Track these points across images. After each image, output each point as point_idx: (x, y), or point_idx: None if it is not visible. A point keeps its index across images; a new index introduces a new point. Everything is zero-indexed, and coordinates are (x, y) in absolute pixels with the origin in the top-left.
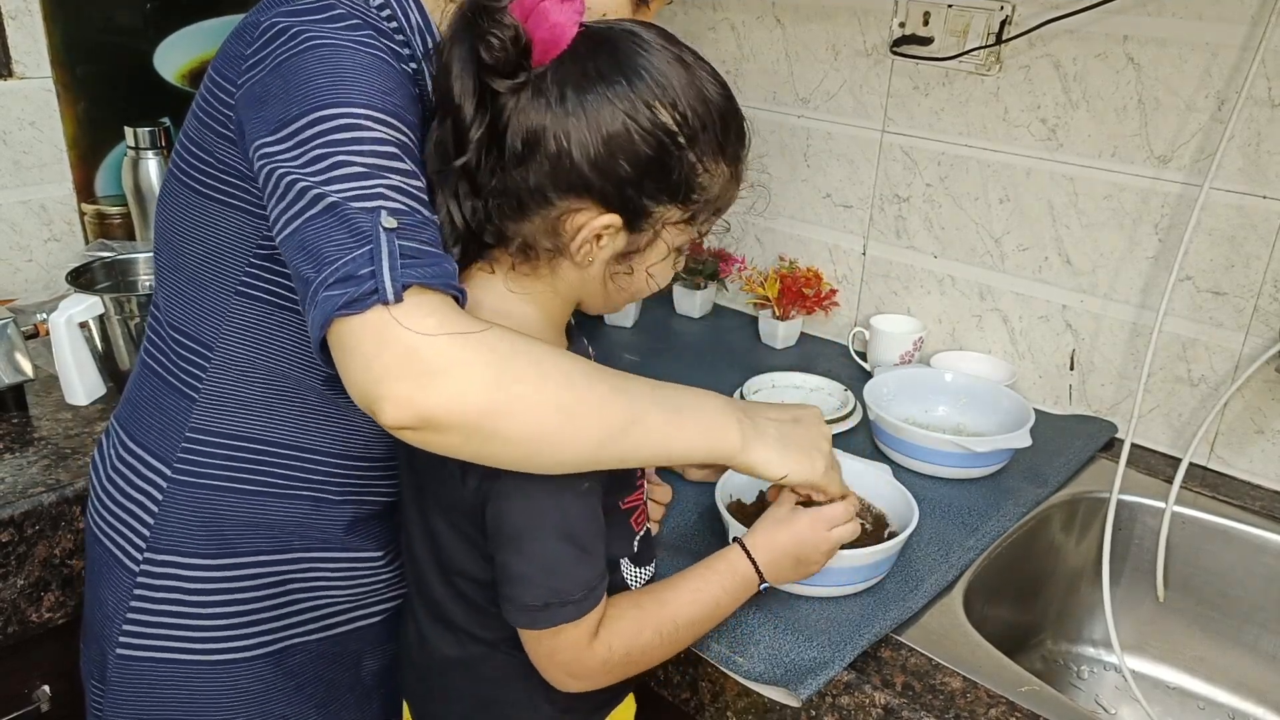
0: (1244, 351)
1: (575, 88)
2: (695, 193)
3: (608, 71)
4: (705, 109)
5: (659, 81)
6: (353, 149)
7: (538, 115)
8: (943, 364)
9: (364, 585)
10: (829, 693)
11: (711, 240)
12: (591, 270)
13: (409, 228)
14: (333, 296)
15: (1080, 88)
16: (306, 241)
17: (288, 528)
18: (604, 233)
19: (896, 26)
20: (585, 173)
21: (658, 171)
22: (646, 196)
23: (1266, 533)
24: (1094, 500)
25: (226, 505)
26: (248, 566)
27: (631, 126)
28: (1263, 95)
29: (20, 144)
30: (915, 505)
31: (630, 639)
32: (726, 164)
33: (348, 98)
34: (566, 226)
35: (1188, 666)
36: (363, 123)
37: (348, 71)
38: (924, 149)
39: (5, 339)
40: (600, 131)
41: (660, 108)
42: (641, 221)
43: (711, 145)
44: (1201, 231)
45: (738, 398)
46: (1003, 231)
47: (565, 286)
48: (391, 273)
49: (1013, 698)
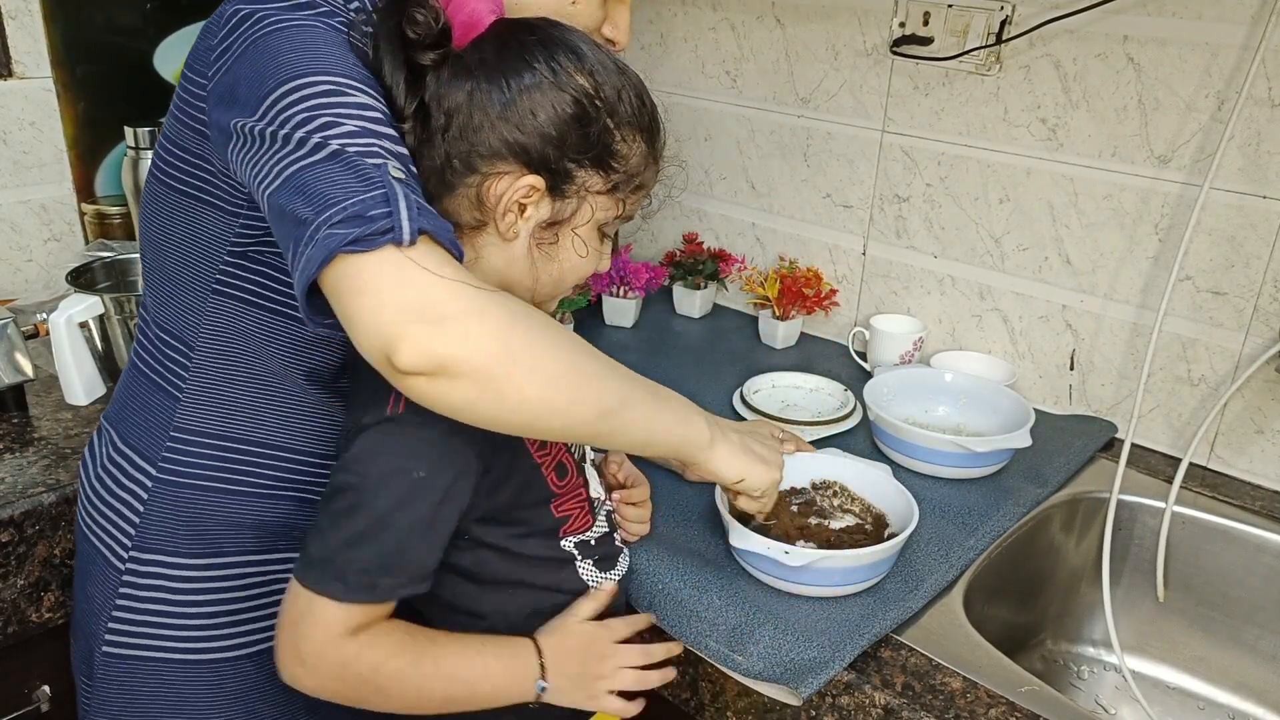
0: (1244, 351)
1: (495, 58)
2: (615, 160)
3: (526, 44)
4: (620, 80)
5: (575, 51)
6: (340, 111)
7: (457, 87)
8: (943, 364)
9: None
10: (829, 692)
11: (712, 240)
12: (517, 245)
13: (411, 186)
14: (337, 234)
15: (1080, 88)
16: (306, 185)
17: (273, 528)
18: (527, 199)
19: (896, 26)
20: (505, 133)
21: (577, 131)
22: (569, 159)
23: (1267, 533)
24: (1094, 500)
25: (211, 505)
26: (233, 567)
27: (549, 86)
28: (1263, 95)
29: (20, 144)
30: (915, 505)
31: (382, 655)
32: (642, 137)
33: (324, 67)
34: (490, 193)
35: (1188, 667)
36: (344, 88)
37: (318, 46)
38: (924, 149)
39: (5, 339)
40: (521, 94)
41: (577, 73)
42: (564, 185)
43: (626, 115)
44: (1201, 231)
45: (738, 398)
46: (1003, 231)
47: (488, 267)
48: (409, 213)
49: (1013, 698)
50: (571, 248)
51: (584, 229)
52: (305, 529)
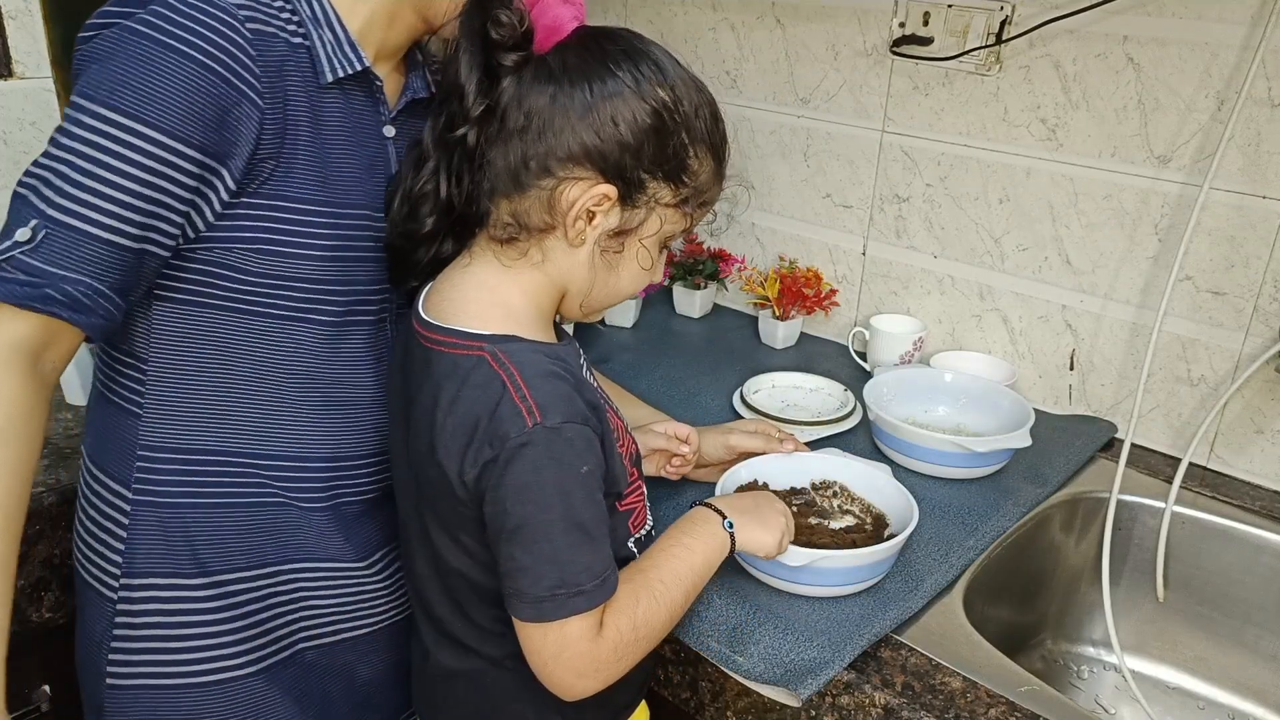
0: (1244, 351)
1: (578, 65)
2: (686, 175)
3: (609, 52)
4: (698, 98)
5: (658, 64)
6: (67, 142)
7: (540, 90)
8: (943, 364)
9: (348, 595)
10: (829, 693)
11: (710, 240)
12: (582, 251)
13: (55, 241)
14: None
15: (1080, 88)
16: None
17: (258, 540)
18: (599, 207)
19: (896, 26)
20: (586, 139)
21: (655, 143)
22: (644, 169)
23: (1266, 533)
24: (1094, 500)
25: (192, 521)
26: (227, 584)
27: (632, 96)
28: (1262, 95)
29: (20, 144)
30: (915, 505)
31: (629, 612)
32: (713, 155)
33: (94, 90)
34: (563, 198)
35: (1188, 666)
36: (87, 119)
37: (118, 62)
38: (924, 149)
39: None
40: (603, 101)
41: (659, 86)
42: (636, 195)
43: (700, 131)
44: (1201, 231)
45: (738, 398)
46: (1003, 231)
47: (554, 269)
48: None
49: (1013, 698)
50: (635, 258)
51: (649, 240)
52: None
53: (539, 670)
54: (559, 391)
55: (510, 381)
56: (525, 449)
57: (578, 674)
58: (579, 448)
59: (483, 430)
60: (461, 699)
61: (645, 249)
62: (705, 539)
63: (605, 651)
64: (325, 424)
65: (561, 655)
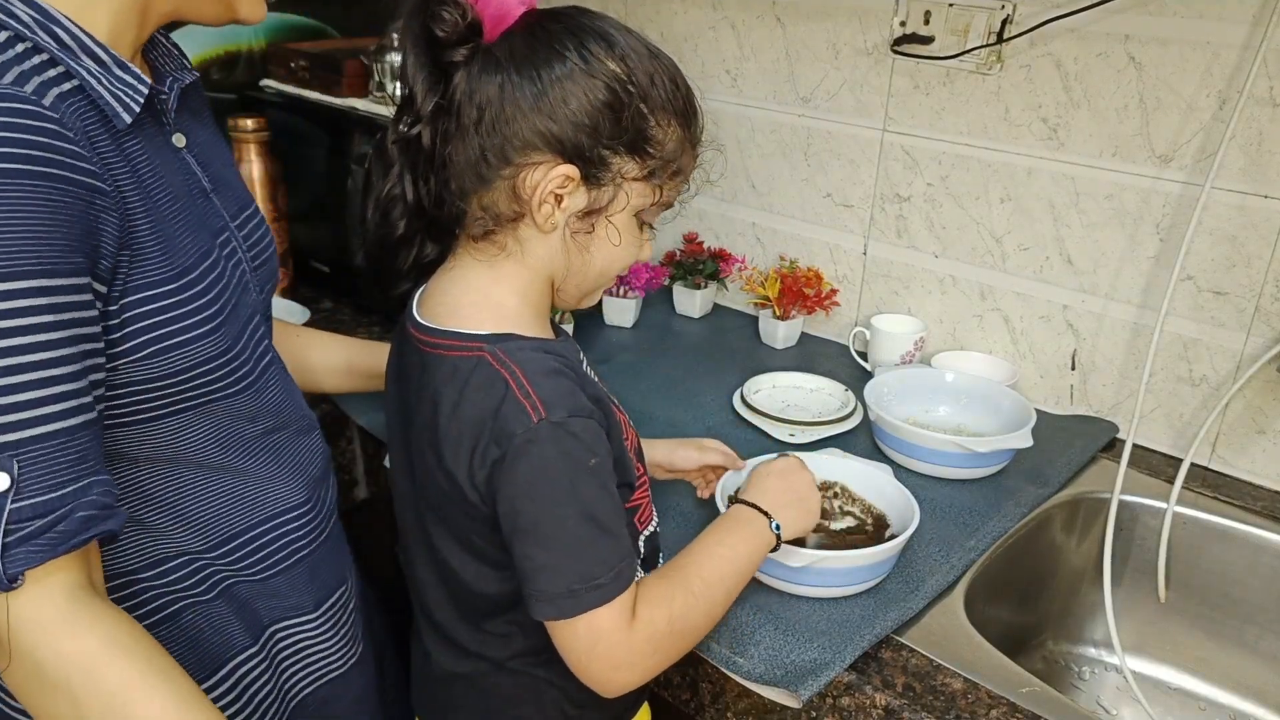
0: (1245, 351)
1: (526, 50)
2: (650, 145)
3: (556, 34)
4: (653, 65)
5: (605, 37)
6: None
7: (489, 80)
8: (943, 364)
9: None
10: (829, 693)
11: (712, 240)
12: (555, 236)
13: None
14: None
15: (1081, 87)
16: None
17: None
18: (563, 189)
19: (897, 25)
20: (538, 124)
21: (610, 117)
22: (603, 146)
23: (1268, 533)
24: (1095, 501)
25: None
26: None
27: (581, 74)
28: (1264, 94)
29: None
30: (916, 506)
31: (665, 605)
32: (678, 122)
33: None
34: (525, 184)
35: (1189, 667)
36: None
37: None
38: (925, 148)
39: None
40: (552, 84)
41: (608, 59)
42: (600, 173)
43: (660, 99)
44: (1203, 231)
45: (738, 398)
46: (1004, 231)
47: (533, 260)
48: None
49: (1014, 698)
50: (606, 237)
51: (619, 217)
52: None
53: (576, 668)
54: (561, 387)
55: (513, 379)
56: (532, 445)
57: (614, 666)
58: (586, 441)
59: (488, 430)
60: (463, 702)
61: (614, 226)
62: (749, 539)
63: (640, 642)
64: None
65: (596, 648)
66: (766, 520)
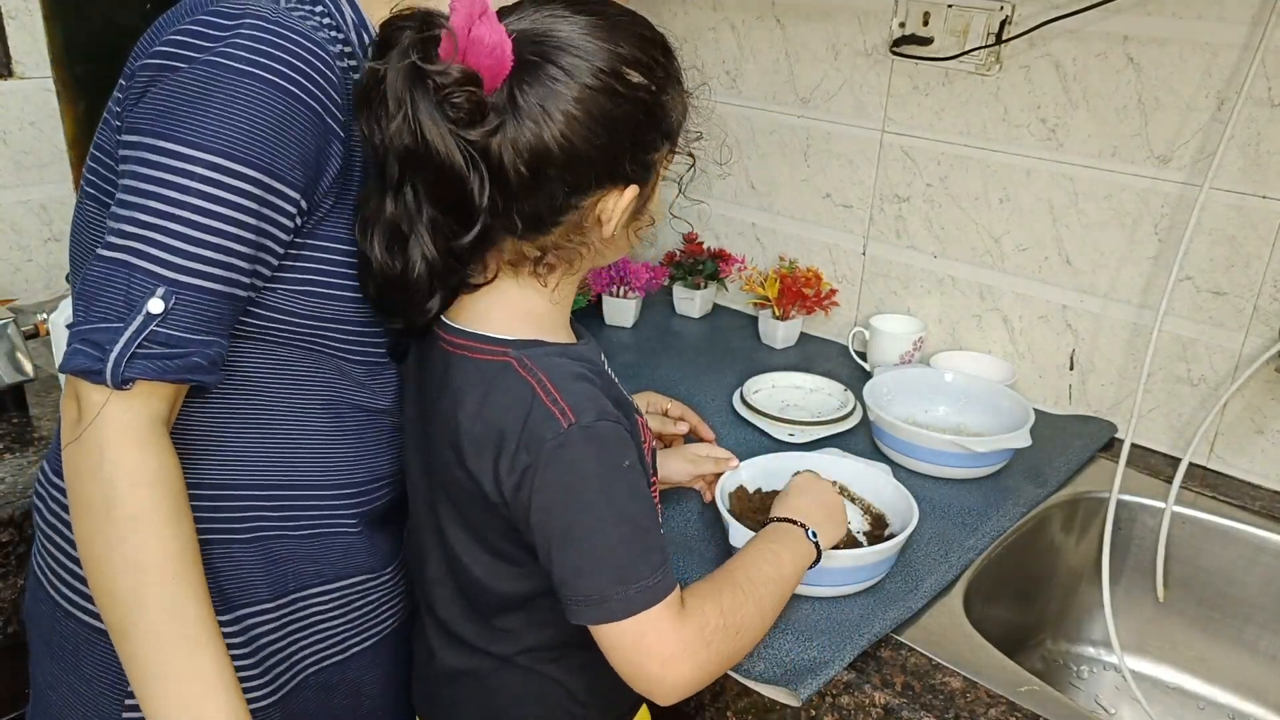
0: (1244, 351)
1: (549, 94)
2: (671, 125)
3: (566, 67)
4: (651, 49)
5: (611, 49)
6: (172, 195)
7: (531, 133)
8: (943, 364)
9: (359, 609)
10: (829, 692)
11: (712, 240)
12: (614, 239)
13: (186, 306)
14: (78, 352)
15: (1080, 88)
16: (89, 278)
17: (281, 570)
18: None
19: (896, 26)
20: (599, 162)
21: (649, 126)
22: (644, 152)
23: (1266, 532)
24: (1094, 500)
25: (219, 556)
26: (246, 619)
27: (617, 99)
28: (1262, 95)
29: (20, 144)
30: (915, 505)
31: (714, 598)
32: (676, 86)
33: (192, 135)
34: (598, 218)
35: (1188, 666)
36: (191, 167)
37: (214, 104)
38: (924, 149)
39: (5, 339)
40: (596, 117)
41: (628, 70)
42: (648, 174)
43: (667, 79)
44: (1201, 231)
45: (738, 398)
46: (1003, 231)
47: (584, 266)
48: (114, 368)
49: (1012, 697)
50: (650, 208)
51: (657, 190)
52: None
53: (624, 670)
54: (588, 392)
55: (540, 386)
56: (563, 450)
57: (665, 660)
58: (616, 444)
59: (517, 437)
60: (465, 699)
61: (655, 196)
62: (789, 545)
63: (691, 633)
64: (359, 449)
65: (644, 641)
66: (803, 530)
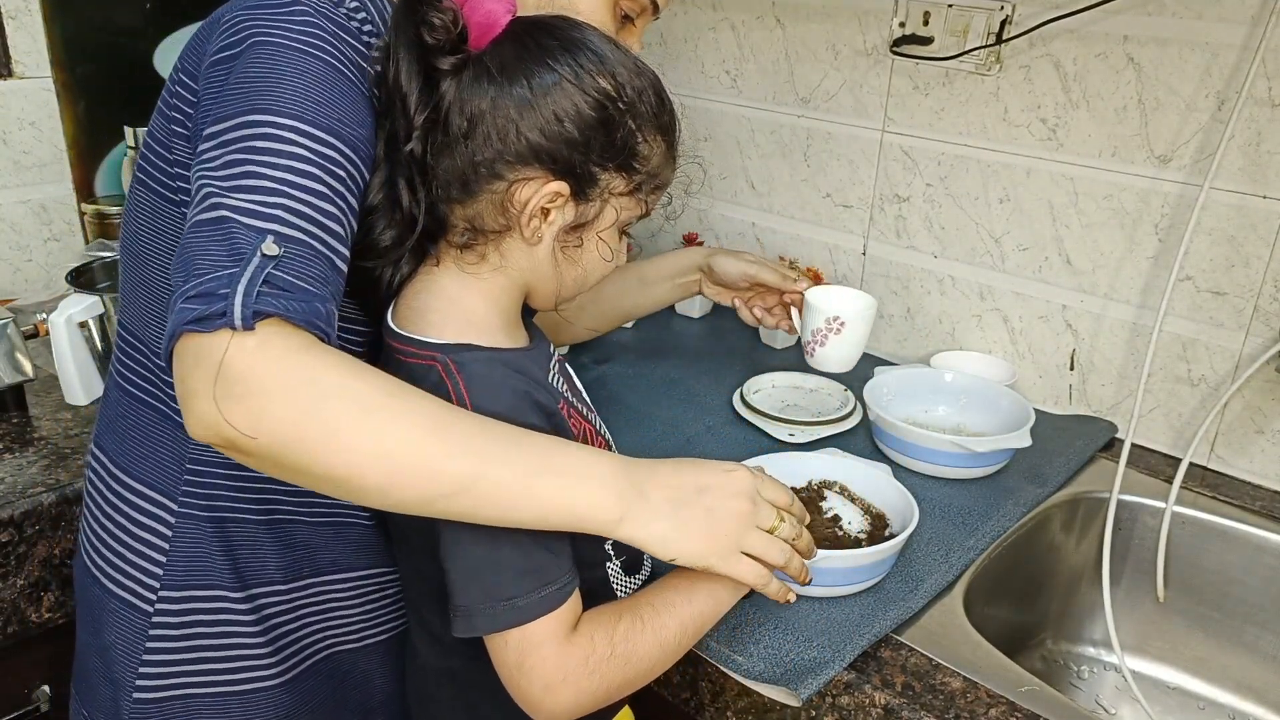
0: (1244, 351)
1: (516, 62)
2: (637, 161)
3: (546, 46)
4: (640, 81)
5: (596, 52)
6: (266, 159)
7: (479, 92)
8: (943, 364)
9: (376, 601)
10: (829, 693)
11: (712, 240)
12: (541, 249)
13: (295, 258)
14: (187, 309)
15: (1080, 88)
16: (187, 247)
17: (296, 554)
18: (553, 204)
19: (896, 26)
20: (531, 139)
21: (601, 135)
22: (593, 163)
23: (1267, 533)
24: (1094, 500)
25: (236, 534)
26: (259, 597)
27: (573, 90)
28: (1263, 95)
29: (20, 144)
30: (915, 505)
31: (608, 626)
32: (662, 137)
33: (278, 105)
34: (515, 200)
35: (1188, 667)
36: (284, 134)
37: (288, 77)
38: (924, 149)
39: (5, 339)
40: (544, 98)
41: (599, 75)
42: (589, 190)
43: (647, 115)
44: (1202, 231)
45: (738, 398)
46: (1003, 231)
47: (515, 270)
48: (245, 299)
49: (1013, 698)
50: (595, 250)
51: (607, 231)
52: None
53: (510, 689)
54: (501, 400)
55: (454, 391)
56: None
57: (545, 686)
58: None
59: None
60: (446, 695)
61: (604, 241)
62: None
63: (575, 662)
64: None
65: (524, 663)
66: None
